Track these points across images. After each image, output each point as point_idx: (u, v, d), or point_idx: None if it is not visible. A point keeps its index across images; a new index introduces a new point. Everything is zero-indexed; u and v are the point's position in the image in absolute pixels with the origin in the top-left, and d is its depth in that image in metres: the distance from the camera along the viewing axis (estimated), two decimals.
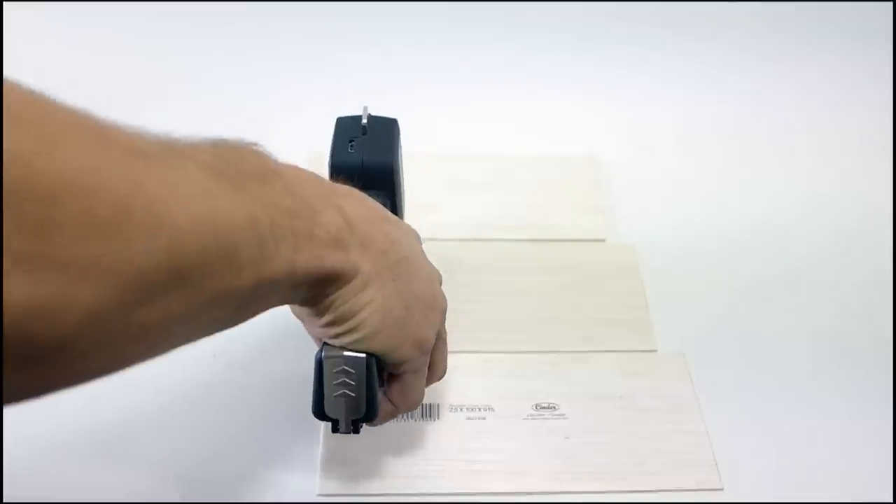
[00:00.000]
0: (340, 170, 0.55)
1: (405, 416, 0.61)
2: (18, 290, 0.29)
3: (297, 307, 0.49)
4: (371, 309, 0.47)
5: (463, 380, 0.64)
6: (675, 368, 0.66)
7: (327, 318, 0.47)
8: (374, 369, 0.50)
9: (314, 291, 0.45)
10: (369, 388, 0.50)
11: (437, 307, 0.53)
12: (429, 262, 0.53)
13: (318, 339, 0.55)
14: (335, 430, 0.52)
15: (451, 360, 0.57)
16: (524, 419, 0.62)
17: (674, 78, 0.92)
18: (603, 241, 0.77)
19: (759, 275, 0.75)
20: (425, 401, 0.61)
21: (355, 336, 0.48)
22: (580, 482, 0.59)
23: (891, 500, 0.58)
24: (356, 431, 0.52)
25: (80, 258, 0.30)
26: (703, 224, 0.79)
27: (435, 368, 0.55)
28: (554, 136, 0.87)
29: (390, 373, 0.52)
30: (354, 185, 0.51)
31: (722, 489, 0.58)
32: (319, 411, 0.51)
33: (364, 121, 0.58)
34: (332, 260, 0.44)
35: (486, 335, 0.68)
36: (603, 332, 0.68)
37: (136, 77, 0.89)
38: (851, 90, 0.91)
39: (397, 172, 0.58)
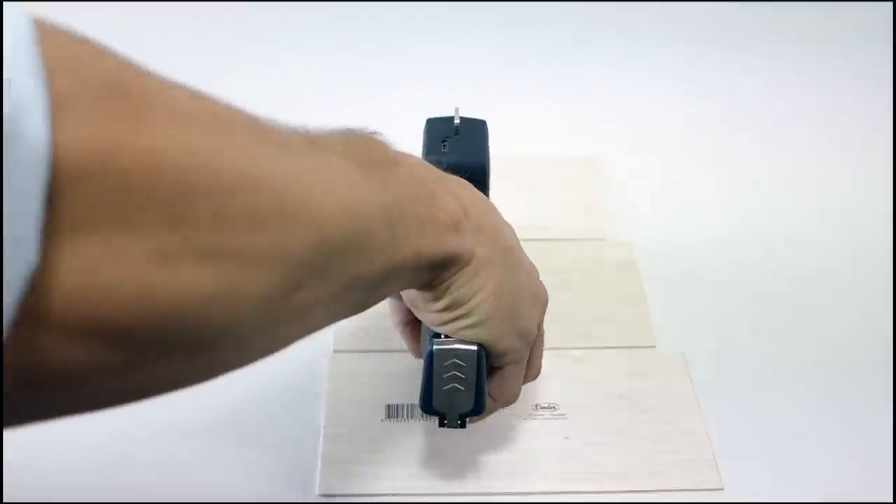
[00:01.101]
0: None
1: (405, 416, 0.61)
2: (198, 280, 0.31)
3: (412, 294, 0.49)
4: (484, 294, 0.47)
5: None
6: (675, 368, 0.66)
7: (443, 302, 0.47)
8: (484, 362, 0.50)
9: (433, 275, 0.46)
10: (479, 381, 0.50)
11: (540, 300, 0.53)
12: (528, 257, 0.54)
13: (411, 342, 0.56)
14: (442, 424, 0.52)
15: None
16: (524, 419, 0.62)
17: (673, 78, 0.92)
18: (603, 240, 0.77)
19: (758, 274, 0.75)
20: None
21: (468, 321, 0.48)
22: (580, 482, 0.59)
23: (891, 500, 0.58)
24: (462, 426, 0.52)
25: (249, 248, 0.32)
26: (702, 223, 0.79)
27: (531, 365, 0.55)
28: (554, 136, 0.87)
29: (491, 366, 0.52)
30: None
31: (722, 489, 0.58)
32: (427, 405, 0.51)
33: (456, 121, 0.58)
34: (451, 244, 0.45)
35: None
36: (602, 328, 0.69)
37: None
38: (851, 90, 0.91)
39: (489, 172, 0.58)
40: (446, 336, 0.49)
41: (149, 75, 0.31)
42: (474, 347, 0.49)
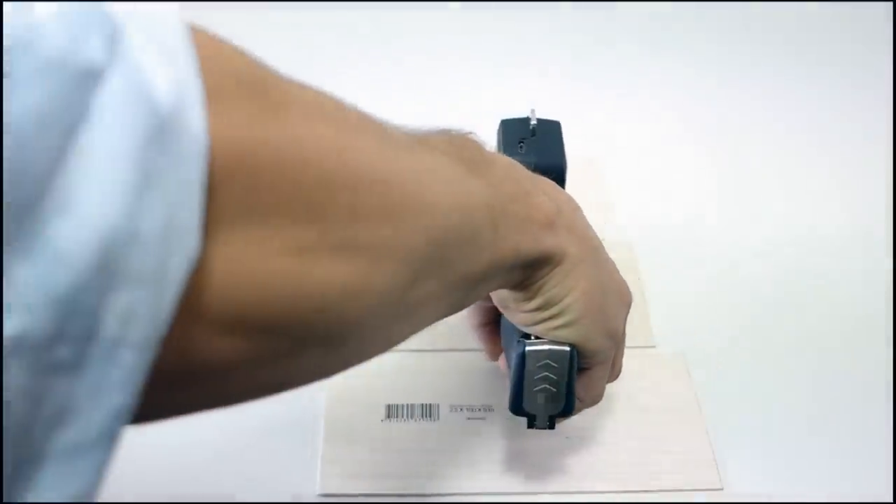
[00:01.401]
0: None
1: (405, 416, 0.61)
2: (331, 273, 0.31)
3: (503, 294, 0.49)
4: (577, 294, 0.47)
5: (463, 380, 0.64)
6: (675, 368, 0.66)
7: (535, 302, 0.47)
8: (576, 362, 0.50)
9: (527, 274, 0.46)
10: (570, 382, 0.50)
11: (626, 299, 0.53)
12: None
13: (487, 344, 0.57)
14: (531, 425, 0.52)
15: (451, 360, 0.57)
16: (524, 419, 0.62)
17: (673, 78, 0.92)
18: (602, 240, 0.77)
19: (758, 274, 0.75)
20: (425, 400, 0.61)
21: (560, 321, 0.48)
22: (580, 482, 0.59)
23: (891, 500, 0.58)
24: (551, 427, 0.52)
25: (377, 241, 0.33)
26: (702, 224, 0.79)
27: (614, 365, 0.55)
28: None
29: (579, 366, 0.52)
30: None
31: (722, 489, 0.58)
32: (517, 407, 0.51)
33: (533, 122, 0.58)
34: (547, 242, 0.45)
35: None
36: None
37: None
38: (851, 90, 0.91)
39: (566, 174, 0.58)
40: (536, 337, 0.49)
41: (279, 74, 0.32)
42: (567, 348, 0.49)
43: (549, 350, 0.49)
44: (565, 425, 0.61)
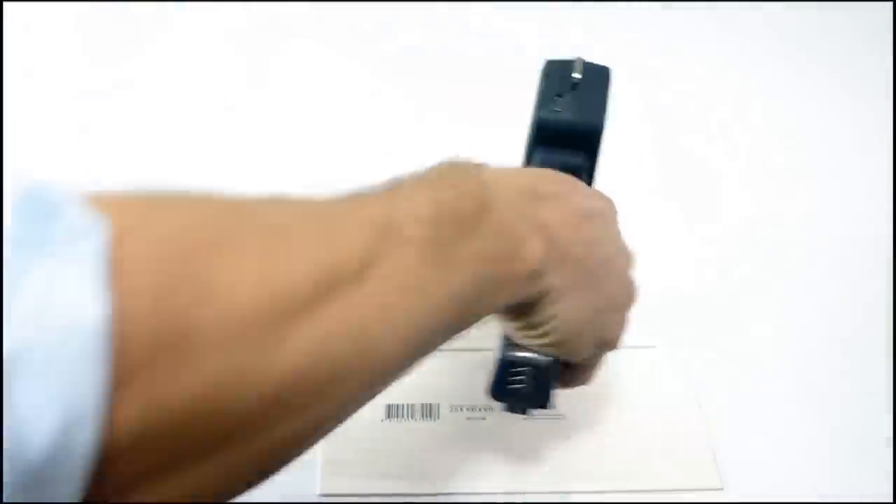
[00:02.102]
0: (546, 127, 0.53)
1: (405, 416, 0.61)
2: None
3: None
4: (560, 320, 0.47)
5: (463, 380, 0.64)
6: (675, 368, 0.66)
7: (519, 323, 0.48)
8: (556, 371, 0.50)
9: (508, 310, 0.47)
10: (546, 385, 0.51)
11: (629, 304, 0.52)
12: (623, 244, 0.51)
13: None
14: (508, 410, 0.54)
15: (451, 360, 0.57)
16: (524, 419, 0.62)
17: (672, 78, 0.92)
18: None
19: (758, 273, 0.75)
20: (425, 400, 0.61)
21: (544, 340, 0.48)
22: (580, 482, 0.59)
23: (891, 501, 0.58)
24: (523, 413, 0.54)
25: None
26: (700, 223, 0.79)
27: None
28: None
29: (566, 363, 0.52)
30: (555, 143, 0.52)
31: (722, 489, 0.58)
32: (494, 396, 0.52)
33: (576, 75, 0.55)
34: (528, 291, 0.45)
35: (485, 333, 0.68)
36: None
37: (139, 78, 0.89)
38: (851, 90, 0.91)
39: (603, 134, 0.55)
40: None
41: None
42: (548, 359, 0.50)
43: (529, 358, 0.50)
44: (566, 426, 0.62)
